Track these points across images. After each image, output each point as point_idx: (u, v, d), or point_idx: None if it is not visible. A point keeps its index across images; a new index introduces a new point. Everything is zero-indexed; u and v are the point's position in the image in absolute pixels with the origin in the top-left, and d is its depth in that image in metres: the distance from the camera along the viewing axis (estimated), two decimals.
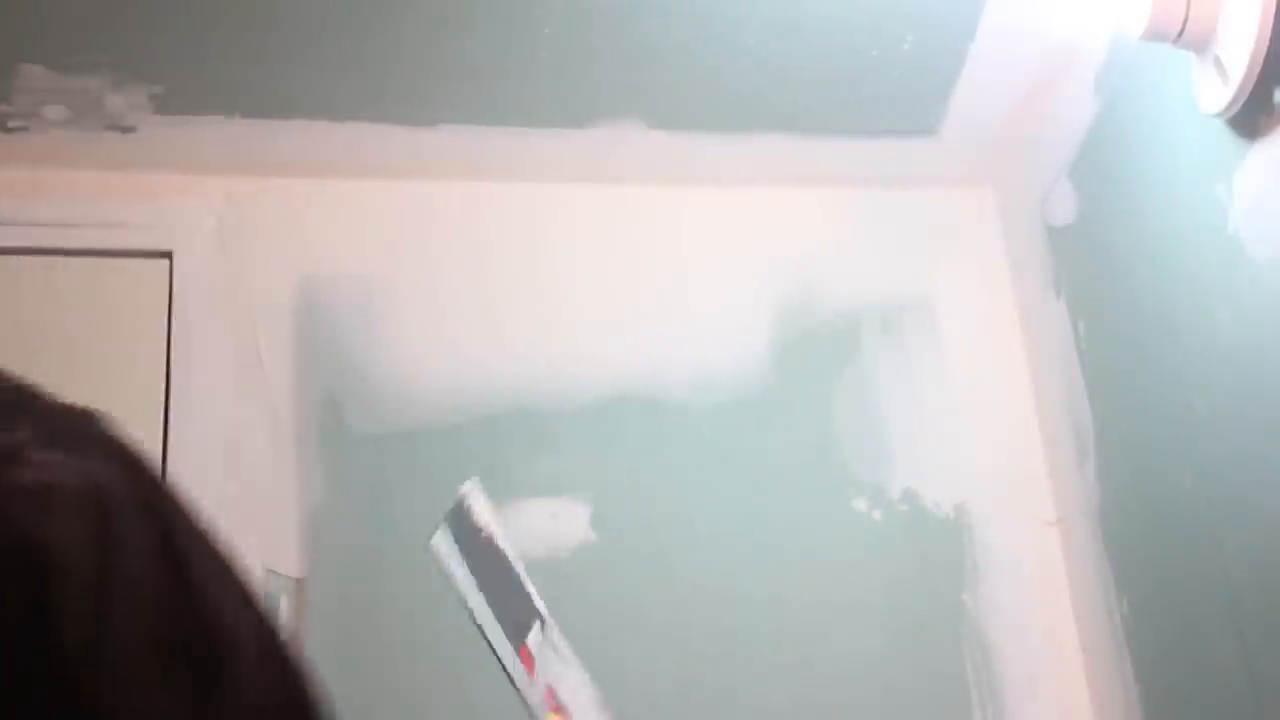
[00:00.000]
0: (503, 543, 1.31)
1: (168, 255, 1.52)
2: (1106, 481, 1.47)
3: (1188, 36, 1.15)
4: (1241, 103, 1.13)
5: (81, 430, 0.41)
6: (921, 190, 1.73)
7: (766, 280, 1.66)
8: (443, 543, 1.29)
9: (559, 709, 1.34)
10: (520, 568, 1.29)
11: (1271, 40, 1.09)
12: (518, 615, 1.32)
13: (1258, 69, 1.10)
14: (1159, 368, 1.33)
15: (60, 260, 1.50)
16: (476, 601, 1.29)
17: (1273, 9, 1.08)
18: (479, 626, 1.25)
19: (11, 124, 1.44)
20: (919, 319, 1.67)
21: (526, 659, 1.35)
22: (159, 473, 0.41)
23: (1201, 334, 1.25)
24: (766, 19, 1.45)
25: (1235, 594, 1.21)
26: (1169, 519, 1.33)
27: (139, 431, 0.45)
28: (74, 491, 0.37)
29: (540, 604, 1.33)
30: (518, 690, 1.25)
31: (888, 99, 1.58)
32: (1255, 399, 1.16)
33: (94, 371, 1.41)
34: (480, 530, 1.31)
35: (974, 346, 1.67)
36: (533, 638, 1.35)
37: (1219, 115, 1.16)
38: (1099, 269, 1.47)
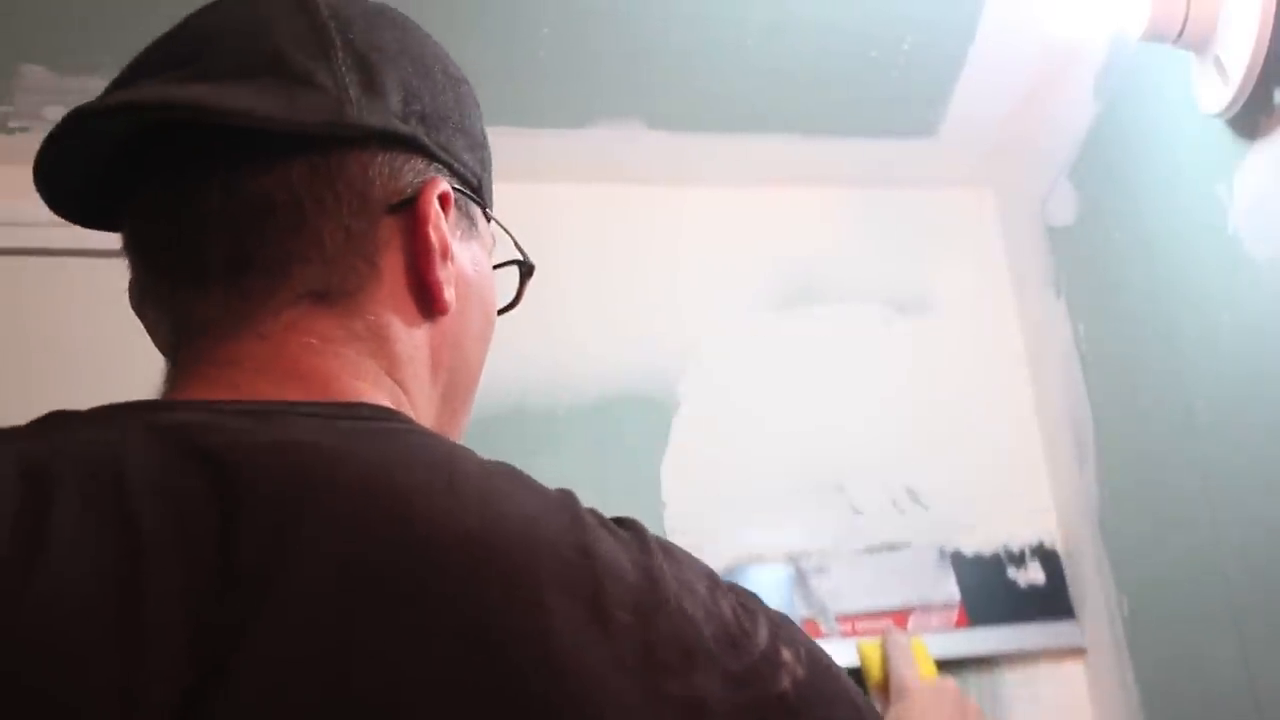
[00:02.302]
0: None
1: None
2: (1106, 481, 1.47)
3: (1188, 37, 1.15)
4: (1241, 103, 1.13)
5: (774, 614, 0.55)
6: (921, 190, 1.73)
7: (766, 280, 1.66)
8: None
9: (860, 620, 1.39)
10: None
11: (1271, 40, 1.09)
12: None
13: (1258, 69, 1.10)
14: (1159, 368, 1.33)
15: (60, 260, 1.50)
16: None
17: (1273, 9, 1.09)
18: None
19: (12, 124, 1.44)
20: (918, 319, 1.68)
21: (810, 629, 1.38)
22: None
23: (1202, 334, 1.25)
24: (766, 20, 1.45)
25: (1235, 595, 1.21)
26: (1169, 519, 1.33)
27: None
28: (807, 678, 0.52)
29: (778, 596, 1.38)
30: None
31: (887, 100, 1.58)
32: (1256, 400, 1.16)
33: (95, 372, 1.41)
34: None
35: (974, 346, 1.67)
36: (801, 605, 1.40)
37: (1219, 115, 1.17)
38: (1099, 269, 1.47)
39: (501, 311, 0.76)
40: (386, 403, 0.59)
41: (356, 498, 0.48)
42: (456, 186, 0.66)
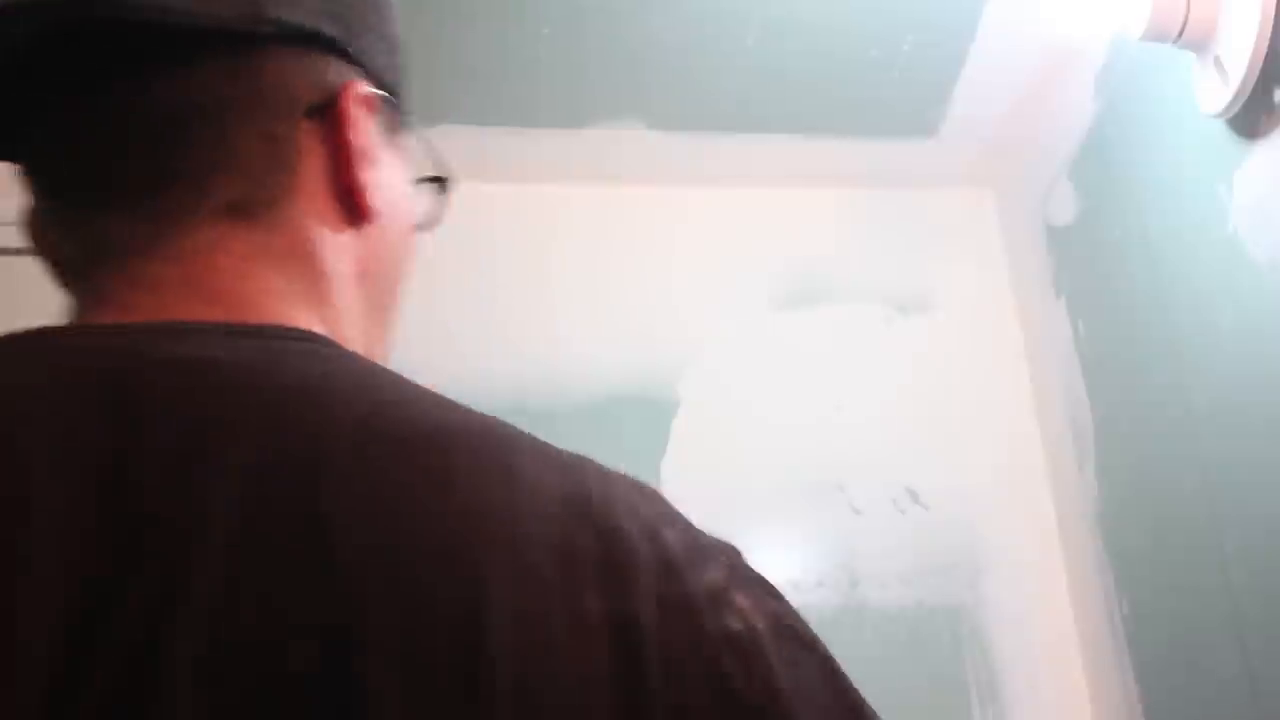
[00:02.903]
0: None
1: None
2: (1106, 481, 1.47)
3: (1188, 37, 1.15)
4: (1241, 103, 1.13)
5: (748, 570, 0.49)
6: (921, 190, 1.73)
7: (766, 280, 1.66)
8: None
9: None
10: None
11: (1271, 40, 1.09)
12: None
13: (1258, 69, 1.10)
14: (1159, 368, 1.33)
15: None
16: None
17: (1273, 9, 1.09)
18: None
19: None
20: (918, 319, 1.68)
21: None
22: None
23: (1201, 334, 1.25)
24: (766, 20, 1.45)
25: (1235, 594, 1.21)
26: (1169, 519, 1.33)
27: None
28: (768, 633, 0.46)
29: None
30: None
31: (887, 99, 1.58)
32: (1255, 399, 1.16)
33: None
34: None
35: (974, 346, 1.67)
36: None
37: (1219, 115, 1.16)
38: (1099, 269, 1.47)
39: (423, 229, 0.72)
40: (312, 326, 0.56)
41: (272, 421, 0.45)
42: (376, 91, 0.63)
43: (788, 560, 1.52)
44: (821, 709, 0.47)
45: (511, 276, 1.61)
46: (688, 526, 0.51)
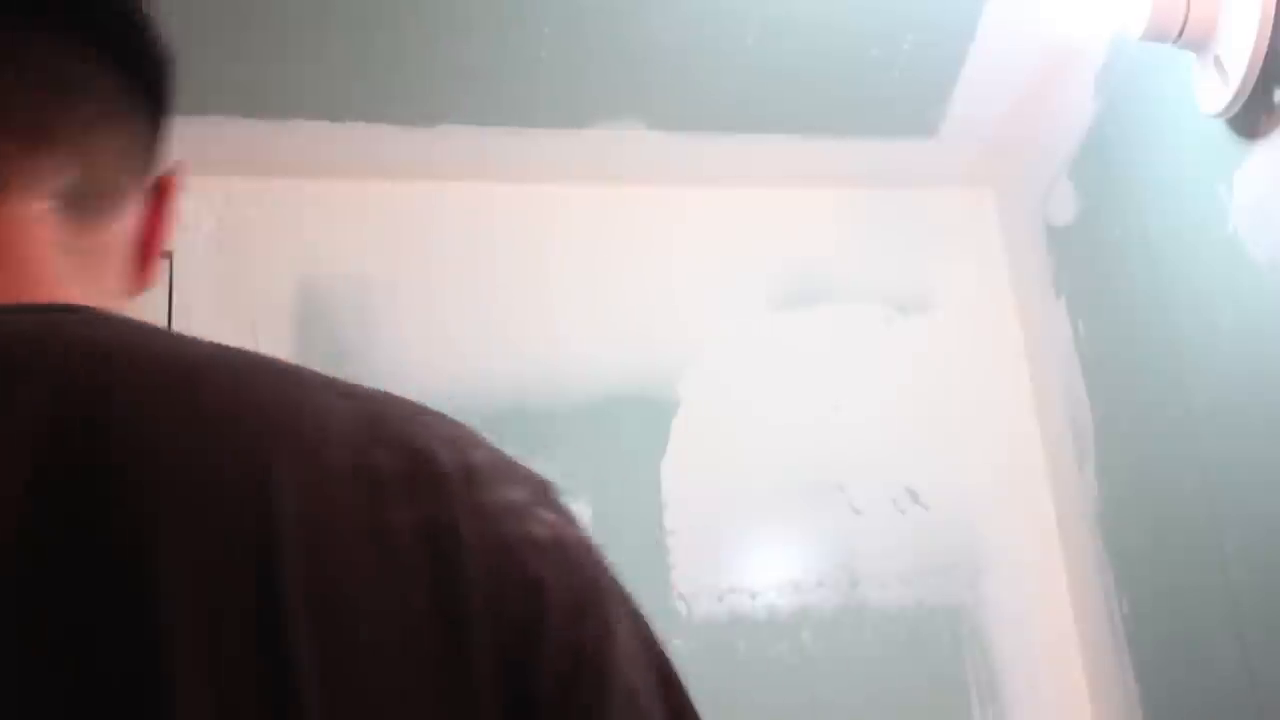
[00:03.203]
0: None
1: (167, 255, 1.52)
2: (1106, 481, 1.47)
3: (1188, 36, 1.15)
4: (1241, 103, 1.13)
5: (558, 500, 0.52)
6: (921, 190, 1.73)
7: (766, 280, 1.66)
8: None
9: None
10: None
11: (1271, 40, 1.09)
12: None
13: (1258, 69, 1.10)
14: (1159, 368, 1.33)
15: None
16: None
17: (1273, 9, 1.09)
18: None
19: None
20: (918, 319, 1.68)
21: None
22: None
23: (1201, 334, 1.25)
24: (766, 19, 1.45)
25: (1235, 594, 1.21)
26: (1169, 519, 1.33)
27: None
28: (575, 545, 0.49)
29: None
30: None
31: (887, 99, 1.58)
32: (1255, 399, 1.16)
33: None
34: None
35: (974, 346, 1.67)
36: None
37: (1219, 115, 1.17)
38: (1099, 269, 1.47)
39: None
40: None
41: (65, 361, 0.46)
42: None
43: (788, 560, 1.52)
44: (629, 615, 0.50)
45: (511, 276, 1.60)
46: (498, 451, 0.52)
